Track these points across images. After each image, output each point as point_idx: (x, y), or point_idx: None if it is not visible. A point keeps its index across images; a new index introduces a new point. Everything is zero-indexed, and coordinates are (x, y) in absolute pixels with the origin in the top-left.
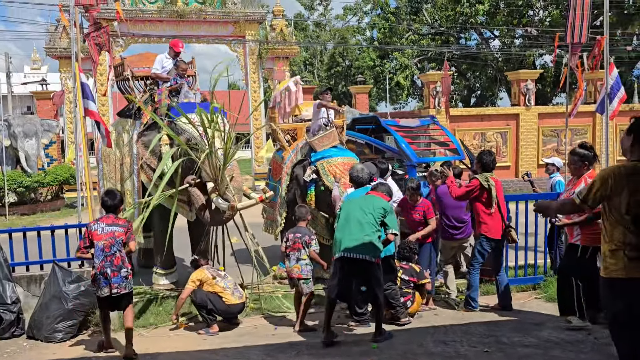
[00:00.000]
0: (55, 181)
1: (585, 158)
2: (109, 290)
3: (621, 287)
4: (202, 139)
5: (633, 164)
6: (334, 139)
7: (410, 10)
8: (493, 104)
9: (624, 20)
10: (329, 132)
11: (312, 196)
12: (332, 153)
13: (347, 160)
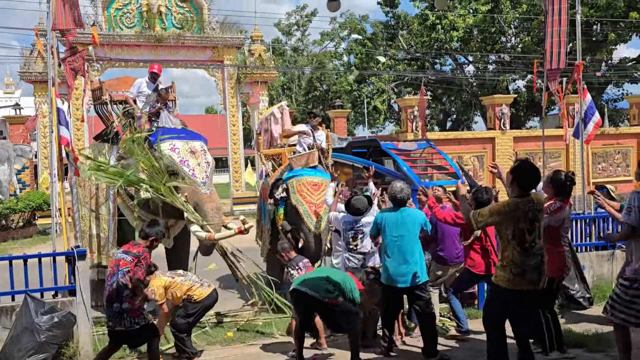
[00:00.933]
0: (28, 207)
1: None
2: (108, 323)
3: (504, 294)
4: (181, 166)
5: (514, 200)
6: (313, 160)
7: (386, 36)
8: (469, 127)
9: (593, 47)
10: (309, 153)
11: (281, 214)
12: (305, 172)
13: (317, 180)
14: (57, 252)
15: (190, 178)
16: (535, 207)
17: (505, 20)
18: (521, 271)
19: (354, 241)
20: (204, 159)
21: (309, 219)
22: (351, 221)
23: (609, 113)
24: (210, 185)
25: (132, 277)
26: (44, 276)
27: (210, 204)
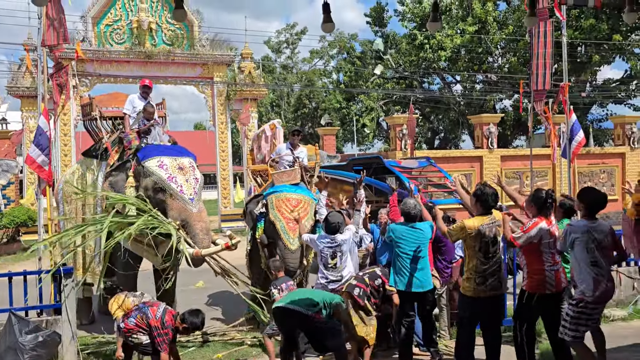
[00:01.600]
0: (12, 223)
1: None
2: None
3: (470, 302)
4: (169, 183)
5: (480, 219)
6: (295, 177)
7: (375, 55)
8: (456, 146)
9: (577, 68)
10: (291, 170)
11: (261, 229)
12: (285, 189)
13: (296, 196)
14: (43, 270)
15: (178, 195)
16: (496, 223)
17: (492, 40)
18: (483, 280)
19: (333, 260)
20: (192, 175)
21: (285, 235)
22: (329, 240)
23: (593, 133)
24: (198, 202)
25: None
26: (29, 294)
27: (200, 223)
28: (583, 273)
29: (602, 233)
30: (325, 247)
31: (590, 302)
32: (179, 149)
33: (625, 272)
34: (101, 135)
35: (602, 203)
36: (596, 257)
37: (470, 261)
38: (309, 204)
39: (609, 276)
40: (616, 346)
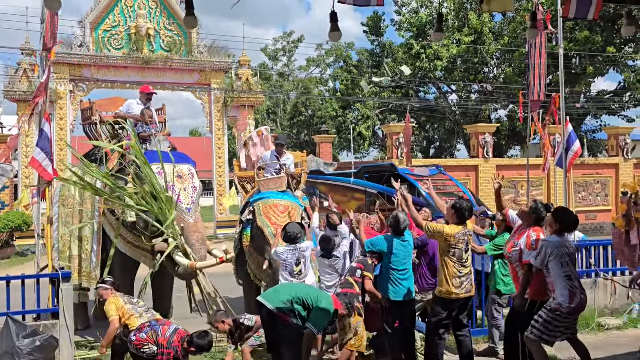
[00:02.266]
0: (7, 228)
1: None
2: None
3: (447, 303)
4: (166, 190)
5: (456, 228)
6: (281, 184)
7: (371, 63)
8: (451, 155)
9: (572, 79)
10: (277, 177)
11: (248, 236)
12: (272, 195)
13: (283, 202)
14: (40, 274)
15: (175, 203)
16: (468, 233)
17: (488, 51)
18: (460, 283)
19: (297, 266)
20: (190, 184)
21: (273, 240)
22: (292, 249)
23: (587, 144)
24: (195, 212)
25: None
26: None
27: (196, 234)
28: (559, 286)
29: (572, 247)
30: (291, 256)
31: (565, 313)
32: (179, 156)
33: (620, 282)
34: (100, 140)
35: (576, 225)
36: (570, 271)
37: (447, 266)
38: (295, 209)
39: (581, 288)
40: (611, 354)
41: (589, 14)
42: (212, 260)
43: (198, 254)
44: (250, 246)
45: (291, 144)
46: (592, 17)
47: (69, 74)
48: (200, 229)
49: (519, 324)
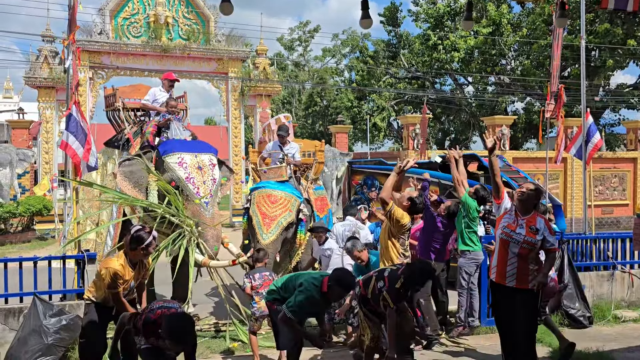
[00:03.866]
0: (28, 212)
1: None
2: None
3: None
4: (186, 183)
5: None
6: (280, 175)
7: (387, 54)
8: (467, 147)
9: (591, 72)
10: (277, 167)
11: (245, 224)
12: (269, 185)
13: (277, 193)
14: (67, 255)
15: (194, 196)
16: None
17: (506, 43)
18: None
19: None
20: (210, 176)
21: (259, 229)
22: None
23: (606, 137)
24: (212, 206)
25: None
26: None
27: (212, 231)
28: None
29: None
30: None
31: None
32: (200, 145)
33: (637, 275)
34: (123, 126)
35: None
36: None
37: (395, 248)
38: (289, 201)
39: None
40: (626, 346)
41: (629, 6)
42: (224, 262)
43: (212, 251)
44: (248, 234)
45: (306, 134)
46: (632, 8)
47: (88, 61)
48: (216, 224)
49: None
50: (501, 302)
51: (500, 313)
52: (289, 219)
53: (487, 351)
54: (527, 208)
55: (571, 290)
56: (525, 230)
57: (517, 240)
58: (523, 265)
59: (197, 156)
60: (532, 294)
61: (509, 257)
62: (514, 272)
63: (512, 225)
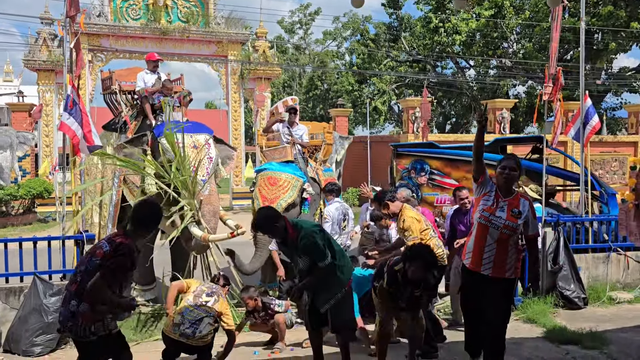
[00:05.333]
0: (29, 195)
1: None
2: (60, 328)
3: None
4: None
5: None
6: (286, 155)
7: (389, 37)
8: (467, 131)
9: (593, 55)
10: (282, 148)
11: (253, 207)
12: (272, 166)
13: (278, 175)
14: (66, 236)
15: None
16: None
17: (508, 25)
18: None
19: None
20: (206, 155)
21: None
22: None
23: (607, 121)
24: (209, 184)
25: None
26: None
27: (209, 206)
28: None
29: None
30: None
31: None
32: (195, 126)
33: (633, 257)
34: (120, 109)
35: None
36: None
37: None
38: (291, 182)
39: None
40: (620, 327)
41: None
42: (223, 235)
43: (209, 225)
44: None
45: (306, 118)
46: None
47: (87, 44)
48: (213, 201)
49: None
50: (472, 289)
51: (469, 299)
52: (289, 200)
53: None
54: (509, 188)
55: (566, 272)
56: (506, 214)
57: (497, 225)
58: (501, 252)
59: (193, 136)
60: (508, 282)
61: (487, 243)
62: (491, 260)
63: (490, 208)
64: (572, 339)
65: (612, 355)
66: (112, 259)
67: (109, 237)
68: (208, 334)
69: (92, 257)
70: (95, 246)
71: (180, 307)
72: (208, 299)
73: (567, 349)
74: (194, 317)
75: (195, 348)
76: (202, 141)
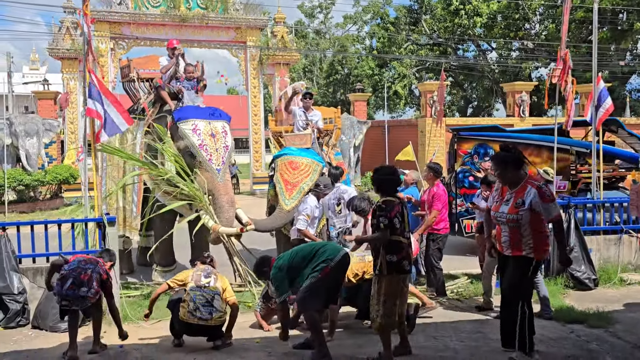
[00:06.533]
0: (55, 180)
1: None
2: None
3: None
4: (199, 150)
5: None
6: (306, 141)
7: (409, 20)
8: (489, 114)
9: (618, 35)
10: (303, 134)
11: (272, 192)
12: (291, 152)
13: (299, 160)
14: (88, 219)
15: (206, 163)
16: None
17: (530, 6)
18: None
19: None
20: (222, 143)
21: (282, 196)
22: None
23: (631, 103)
24: (225, 172)
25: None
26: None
27: (226, 196)
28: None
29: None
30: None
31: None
32: (214, 111)
33: None
34: (139, 96)
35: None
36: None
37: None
38: (311, 167)
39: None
40: (628, 308)
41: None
42: (233, 229)
43: (226, 215)
44: (273, 200)
45: (327, 103)
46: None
47: (109, 32)
48: (229, 190)
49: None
50: (502, 269)
51: (503, 277)
52: (310, 184)
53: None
54: (507, 180)
55: (577, 254)
56: (509, 207)
57: (502, 220)
58: (515, 237)
59: (211, 123)
60: (525, 259)
61: (503, 231)
62: (509, 243)
63: (496, 207)
64: (579, 318)
65: (617, 334)
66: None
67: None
68: (224, 313)
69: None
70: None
71: (188, 296)
72: (207, 279)
73: (572, 328)
74: (204, 300)
75: (212, 329)
76: (219, 129)
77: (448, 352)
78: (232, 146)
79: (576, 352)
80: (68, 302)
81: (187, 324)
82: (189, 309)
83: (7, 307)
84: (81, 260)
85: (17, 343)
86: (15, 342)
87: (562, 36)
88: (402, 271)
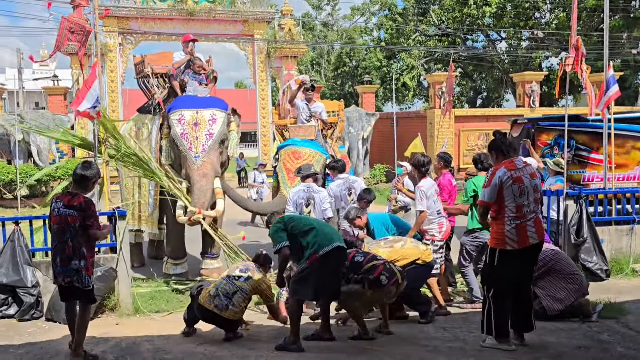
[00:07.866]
0: (66, 175)
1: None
2: (61, 279)
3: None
4: (180, 139)
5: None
6: (311, 133)
7: (417, 11)
8: (499, 105)
9: (630, 23)
10: (308, 126)
11: (275, 183)
12: (294, 142)
13: (302, 150)
14: (100, 212)
15: (186, 151)
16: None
17: None
18: None
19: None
20: (205, 131)
21: (284, 184)
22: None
23: None
24: (203, 158)
25: (94, 232)
26: None
27: (199, 183)
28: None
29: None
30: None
31: None
32: (208, 101)
33: None
34: (153, 92)
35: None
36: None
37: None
38: (314, 157)
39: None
40: (638, 298)
41: None
42: (212, 212)
43: (197, 201)
44: (276, 191)
45: (335, 95)
46: None
47: (117, 26)
48: (206, 176)
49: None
50: None
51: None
52: None
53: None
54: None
55: (589, 245)
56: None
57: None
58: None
59: (198, 112)
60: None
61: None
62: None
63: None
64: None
65: (628, 325)
66: (85, 213)
67: (66, 205)
68: (240, 310)
69: (70, 224)
70: (62, 215)
71: (216, 280)
72: (241, 274)
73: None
74: (227, 290)
75: (225, 321)
76: (206, 117)
77: (457, 342)
78: (218, 135)
79: (587, 342)
80: (70, 279)
81: (204, 308)
82: (210, 293)
83: (21, 300)
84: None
85: (31, 335)
86: (30, 334)
87: (572, 24)
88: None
